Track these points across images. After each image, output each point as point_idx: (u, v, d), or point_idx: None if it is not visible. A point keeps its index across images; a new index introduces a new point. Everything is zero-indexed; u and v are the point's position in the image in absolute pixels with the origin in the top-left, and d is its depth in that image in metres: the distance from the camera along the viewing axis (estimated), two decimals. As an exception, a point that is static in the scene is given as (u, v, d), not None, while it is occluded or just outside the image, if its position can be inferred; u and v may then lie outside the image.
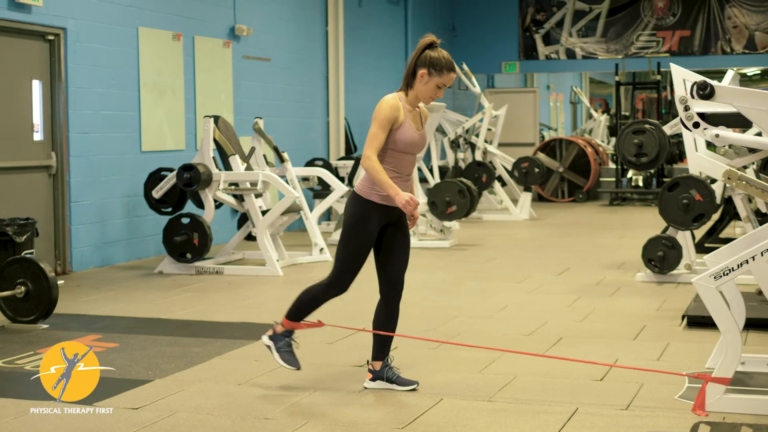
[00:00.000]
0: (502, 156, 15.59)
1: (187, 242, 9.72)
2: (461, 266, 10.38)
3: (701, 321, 6.71)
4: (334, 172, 13.24)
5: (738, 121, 4.79)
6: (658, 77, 18.62)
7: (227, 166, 10.08)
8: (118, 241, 10.62)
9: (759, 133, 7.08)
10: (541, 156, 18.05)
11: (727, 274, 4.74)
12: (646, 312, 7.60)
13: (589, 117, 23.89)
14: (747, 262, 4.70)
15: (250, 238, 10.50)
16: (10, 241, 8.14)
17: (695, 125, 4.81)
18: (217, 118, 10.14)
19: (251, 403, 5.12)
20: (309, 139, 14.77)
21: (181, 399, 5.20)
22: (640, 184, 18.08)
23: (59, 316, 7.40)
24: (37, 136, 9.73)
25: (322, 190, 12.73)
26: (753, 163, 8.54)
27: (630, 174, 18.08)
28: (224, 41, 12.53)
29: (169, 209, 10.23)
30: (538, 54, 20.62)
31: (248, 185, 9.95)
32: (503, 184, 15.88)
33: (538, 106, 21.84)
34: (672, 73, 6.98)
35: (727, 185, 7.96)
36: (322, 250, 10.60)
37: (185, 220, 9.80)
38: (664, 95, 19.40)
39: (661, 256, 8.84)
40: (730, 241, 5.44)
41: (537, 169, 15.09)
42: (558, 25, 20.40)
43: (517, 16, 20.64)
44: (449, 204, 11.56)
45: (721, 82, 5.80)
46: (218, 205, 10.16)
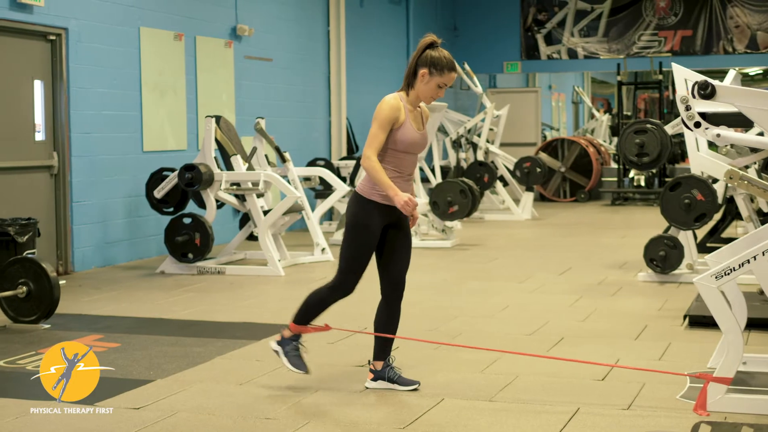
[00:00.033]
0: (504, 156, 15.59)
1: (189, 242, 9.73)
2: (463, 266, 10.38)
3: (703, 321, 6.70)
4: (336, 172, 13.24)
5: (739, 121, 4.79)
6: (660, 77, 18.61)
7: (229, 166, 10.08)
8: (120, 241, 10.63)
9: (761, 133, 7.08)
10: (543, 156, 18.05)
11: (729, 274, 4.74)
12: (648, 312, 7.60)
13: (591, 117, 23.87)
14: (748, 261, 4.70)
15: (252, 238, 10.50)
16: (12, 241, 8.15)
17: (696, 125, 4.81)
18: (218, 118, 10.15)
19: (253, 403, 5.12)
20: (311, 139, 14.77)
21: (183, 399, 5.20)
22: (642, 183, 18.07)
23: (61, 316, 7.41)
24: (39, 136, 9.73)
25: (324, 190, 12.73)
26: (755, 163, 8.52)
27: (632, 174, 18.08)
28: (226, 41, 12.53)
29: (171, 209, 10.24)
30: (539, 54, 20.62)
31: (250, 185, 9.95)
32: (505, 184, 15.87)
33: (540, 106, 21.85)
34: (673, 73, 6.99)
35: (729, 185, 7.96)
36: (323, 250, 10.60)
37: (187, 220, 9.80)
38: (666, 95, 19.39)
39: (662, 256, 8.84)
40: (732, 241, 5.43)
41: (539, 169, 15.10)
42: (560, 25, 20.40)
43: (518, 15, 20.64)
44: (451, 204, 11.55)
45: (723, 81, 5.79)
46: (220, 205, 10.16)
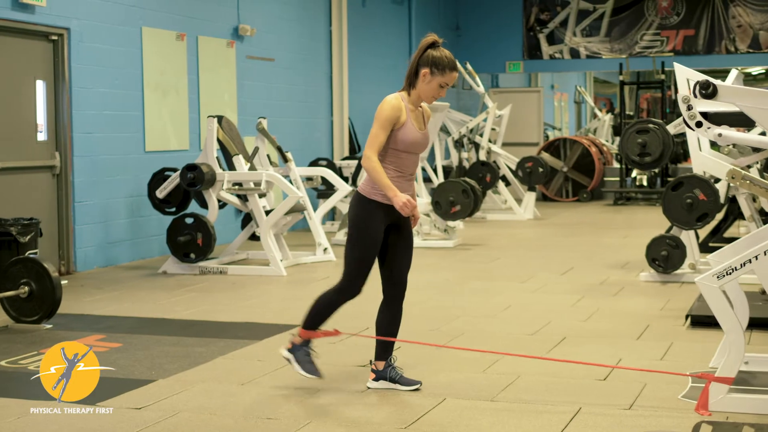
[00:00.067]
0: (506, 156, 15.58)
1: (191, 242, 9.72)
2: (465, 266, 10.37)
3: (705, 320, 6.69)
4: (338, 171, 13.23)
5: (741, 120, 4.78)
6: (662, 77, 18.59)
7: (231, 166, 10.08)
8: (122, 241, 10.63)
9: (763, 133, 7.07)
10: (545, 156, 18.03)
11: (730, 274, 4.73)
12: (650, 311, 7.59)
13: (594, 116, 23.84)
14: (750, 261, 4.70)
15: (254, 238, 10.50)
16: (14, 241, 8.15)
17: (698, 124, 4.80)
18: (220, 118, 10.15)
19: (254, 403, 5.12)
20: (313, 139, 14.77)
21: (184, 399, 5.20)
22: (645, 183, 18.06)
23: (63, 316, 7.41)
24: (41, 136, 9.74)
25: (326, 190, 12.72)
26: (757, 163, 8.52)
27: (634, 173, 18.06)
28: (228, 41, 12.53)
29: (173, 209, 10.24)
30: (542, 53, 20.61)
31: (252, 185, 9.95)
32: (507, 184, 15.87)
33: (542, 106, 21.84)
34: (675, 73, 6.98)
35: (731, 184, 7.95)
36: (326, 250, 10.60)
37: (189, 220, 9.80)
38: (669, 95, 19.37)
39: (664, 256, 8.83)
40: (734, 241, 5.42)
41: (541, 169, 15.09)
42: (562, 25, 20.39)
43: (521, 15, 20.64)
44: (453, 204, 11.55)
45: (725, 81, 5.78)
46: (222, 205, 10.16)
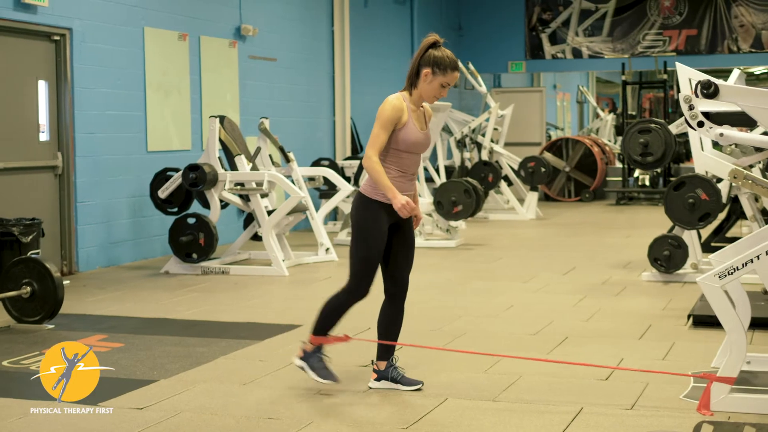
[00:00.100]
0: (509, 155, 15.57)
1: (193, 242, 9.73)
2: (467, 266, 10.37)
3: (707, 320, 6.68)
4: (340, 172, 13.23)
5: (743, 120, 4.78)
6: (665, 76, 18.59)
7: (233, 166, 10.08)
8: (124, 242, 10.64)
9: (765, 132, 7.06)
10: (548, 155, 18.02)
11: (732, 273, 4.73)
12: (652, 311, 7.59)
13: (596, 116, 23.84)
14: (752, 261, 4.69)
15: (256, 238, 10.51)
16: (16, 242, 8.18)
17: (700, 124, 4.80)
18: (222, 118, 10.15)
19: (256, 403, 5.12)
20: (315, 139, 14.77)
21: (186, 399, 5.21)
22: (647, 183, 18.05)
23: (65, 317, 7.41)
24: (43, 137, 9.74)
25: (328, 190, 12.72)
26: (759, 162, 8.51)
27: (637, 173, 18.06)
28: (230, 41, 12.54)
29: (175, 209, 10.24)
30: (544, 53, 20.60)
31: (254, 185, 9.95)
32: (509, 184, 15.86)
33: (545, 106, 21.82)
34: (678, 72, 6.98)
35: (734, 184, 7.95)
36: (328, 250, 10.60)
37: (191, 220, 9.80)
38: (671, 94, 19.37)
39: (667, 256, 8.82)
40: (736, 241, 5.42)
41: (543, 169, 15.08)
42: (564, 25, 20.38)
43: (523, 15, 20.63)
44: (455, 203, 11.55)
45: (727, 81, 5.78)
46: (224, 205, 10.17)
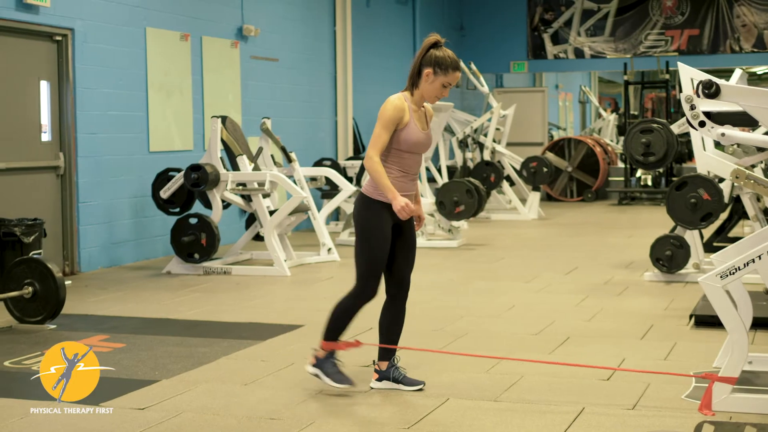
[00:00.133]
0: (511, 155, 15.57)
1: (195, 242, 9.73)
2: (469, 266, 10.37)
3: (709, 320, 6.67)
4: (342, 172, 13.23)
5: (744, 120, 4.77)
6: (667, 76, 18.58)
7: (235, 167, 10.09)
8: (126, 242, 10.64)
9: (767, 132, 7.06)
10: (550, 155, 18.02)
11: (734, 273, 4.72)
12: (654, 311, 7.58)
13: (598, 116, 23.84)
14: (753, 261, 4.69)
15: (258, 238, 10.51)
16: (18, 242, 8.19)
17: (701, 124, 4.80)
18: (224, 119, 10.15)
19: (257, 403, 5.12)
20: (317, 139, 14.77)
21: (188, 399, 5.21)
22: (649, 183, 18.04)
23: (67, 317, 7.42)
24: (45, 137, 9.74)
25: (330, 190, 12.73)
26: (761, 162, 8.51)
27: (639, 173, 18.05)
28: (232, 41, 12.54)
29: (177, 209, 10.24)
30: (546, 53, 20.60)
31: (256, 185, 9.95)
32: (512, 184, 15.86)
33: (547, 106, 21.83)
34: (680, 72, 6.98)
35: (736, 184, 7.95)
36: (330, 250, 10.60)
37: (193, 221, 9.80)
38: (673, 94, 19.35)
39: (669, 256, 8.82)
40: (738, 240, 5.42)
41: (545, 169, 15.08)
42: (566, 25, 20.37)
43: (525, 15, 20.63)
44: (457, 204, 11.55)
45: (729, 81, 5.78)
46: (226, 205, 10.17)
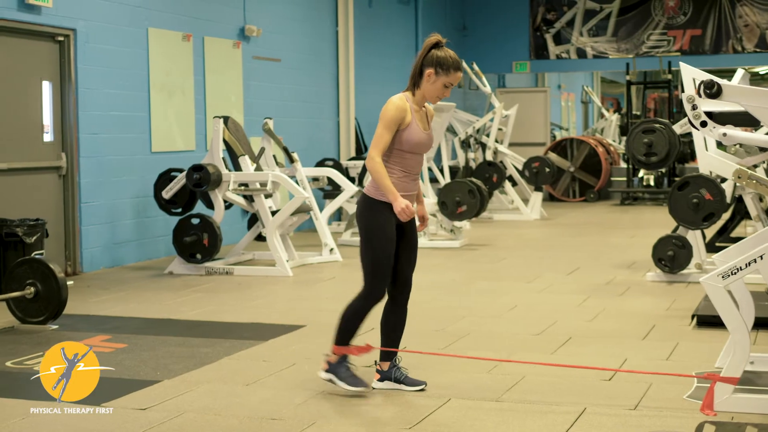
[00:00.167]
0: (513, 156, 15.57)
1: (197, 243, 9.73)
2: (471, 266, 10.36)
3: (711, 320, 6.67)
4: (344, 172, 13.23)
5: (746, 120, 4.77)
6: (669, 76, 18.57)
7: (237, 167, 10.09)
8: (128, 242, 10.65)
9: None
10: (552, 156, 18.02)
11: (735, 274, 4.72)
12: (656, 311, 7.58)
13: (601, 116, 23.83)
14: (755, 261, 4.68)
15: (260, 238, 10.51)
16: (20, 242, 8.19)
17: (703, 124, 4.79)
18: (226, 119, 10.16)
19: (259, 403, 5.12)
20: (319, 140, 14.78)
21: (189, 399, 5.21)
22: (652, 183, 18.03)
23: (69, 317, 7.42)
24: (47, 137, 9.75)
25: (332, 191, 12.73)
26: (763, 162, 8.50)
27: (641, 173, 18.04)
28: (234, 42, 12.54)
29: (179, 210, 10.25)
30: (548, 53, 20.59)
31: (258, 186, 9.95)
32: (514, 184, 15.85)
33: (549, 106, 21.82)
34: (682, 72, 6.97)
35: (738, 184, 7.94)
36: (332, 250, 10.60)
37: (195, 221, 9.81)
38: (676, 94, 19.35)
39: (671, 256, 8.81)
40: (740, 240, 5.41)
41: (548, 169, 15.07)
42: (569, 25, 20.37)
43: (527, 15, 20.62)
44: (459, 204, 11.54)
45: (731, 81, 5.77)
46: (228, 205, 10.17)
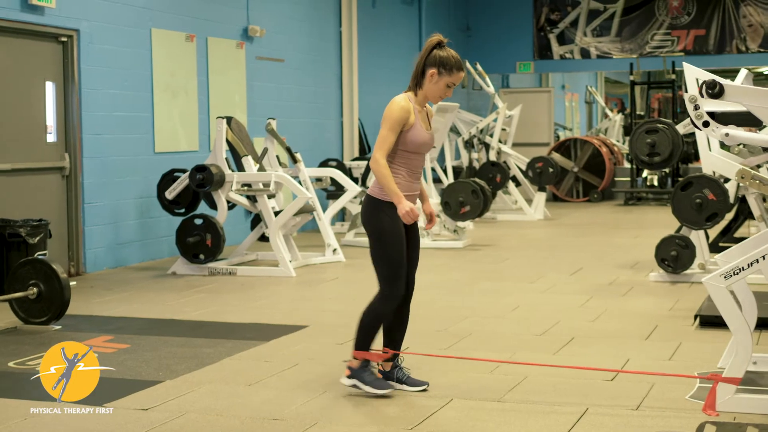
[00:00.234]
0: (517, 156, 15.56)
1: (200, 243, 9.74)
2: (474, 266, 10.36)
3: (714, 321, 6.66)
4: (348, 172, 13.24)
5: (748, 120, 4.76)
6: (673, 76, 18.55)
7: (240, 167, 10.09)
8: (132, 242, 10.65)
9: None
10: (556, 156, 18.00)
11: (737, 274, 4.71)
12: (659, 312, 7.57)
13: (604, 117, 23.80)
14: (757, 261, 4.67)
15: (264, 239, 10.50)
16: (23, 243, 8.20)
17: (705, 124, 4.79)
18: (229, 119, 10.16)
19: (261, 404, 5.12)
20: (322, 140, 14.78)
21: (191, 400, 5.21)
22: (655, 183, 18.01)
23: (72, 317, 7.43)
24: (51, 138, 9.76)
25: (336, 191, 12.73)
26: (767, 162, 8.48)
27: (645, 174, 18.02)
28: (237, 42, 12.55)
29: (182, 210, 10.26)
30: (552, 54, 20.58)
31: (261, 186, 9.95)
32: (518, 184, 15.85)
33: (553, 106, 21.81)
34: (685, 72, 6.96)
35: (741, 184, 7.92)
36: (335, 250, 10.60)
37: (198, 221, 9.81)
38: (680, 94, 19.30)
39: (674, 256, 8.80)
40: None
41: (551, 169, 15.06)
42: (572, 25, 20.36)
43: (531, 15, 20.62)
44: (463, 204, 11.54)
45: (735, 81, 5.76)
46: (231, 206, 10.18)
